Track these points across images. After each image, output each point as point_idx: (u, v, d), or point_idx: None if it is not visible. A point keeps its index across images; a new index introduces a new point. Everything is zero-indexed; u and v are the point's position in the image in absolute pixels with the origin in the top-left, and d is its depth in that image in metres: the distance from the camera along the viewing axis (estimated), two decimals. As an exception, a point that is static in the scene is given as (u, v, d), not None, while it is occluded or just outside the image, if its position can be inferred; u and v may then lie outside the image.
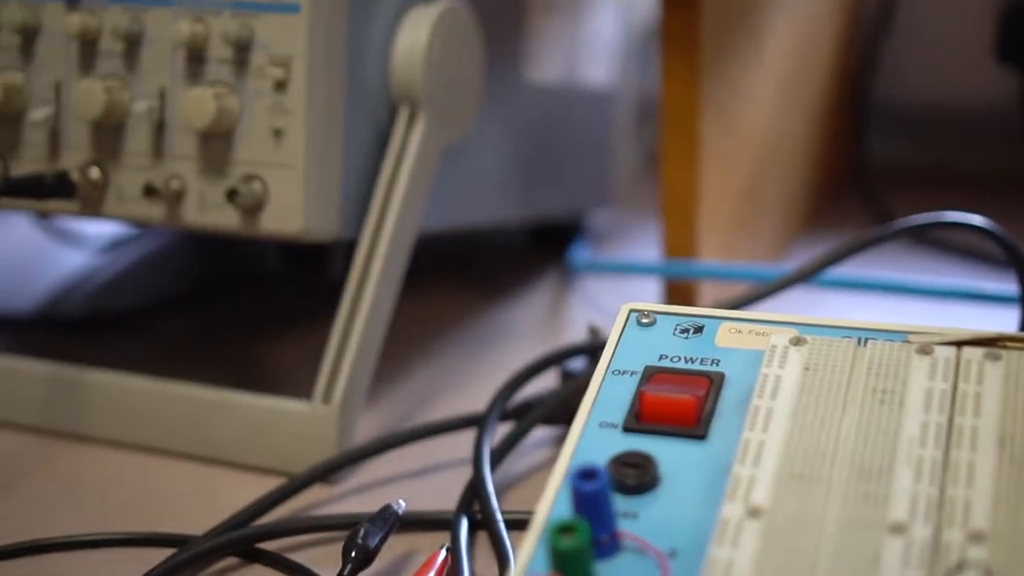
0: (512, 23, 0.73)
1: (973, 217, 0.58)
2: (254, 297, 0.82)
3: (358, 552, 0.46)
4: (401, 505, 0.49)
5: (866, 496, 0.37)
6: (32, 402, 0.61)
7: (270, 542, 0.50)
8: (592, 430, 0.41)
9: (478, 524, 0.51)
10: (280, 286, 0.82)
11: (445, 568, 0.47)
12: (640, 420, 0.41)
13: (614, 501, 0.38)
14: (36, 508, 0.54)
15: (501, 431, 0.57)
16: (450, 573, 0.47)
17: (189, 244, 0.90)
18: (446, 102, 0.62)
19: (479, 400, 0.65)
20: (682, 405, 0.41)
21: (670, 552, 0.37)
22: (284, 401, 0.57)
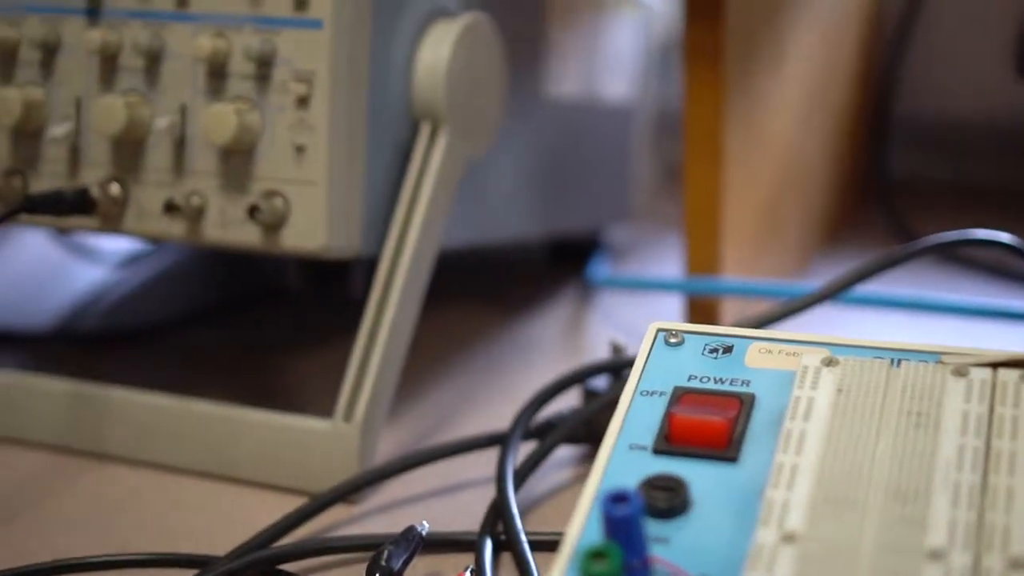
0: (533, 37, 0.72)
1: (1001, 234, 0.57)
2: (273, 313, 0.82)
3: (382, 574, 0.46)
4: (425, 526, 0.48)
5: (903, 521, 0.36)
6: (52, 420, 0.60)
7: (292, 563, 0.50)
8: (621, 452, 0.41)
9: (502, 545, 0.50)
10: (299, 302, 0.82)
11: (470, 590, 0.47)
12: (670, 442, 0.41)
13: (645, 525, 0.37)
14: (59, 527, 0.53)
15: (523, 450, 0.56)
16: (475, 595, 0.47)
17: (207, 259, 0.90)
18: (468, 117, 0.61)
19: (500, 418, 0.64)
20: (713, 427, 0.40)
21: (703, 578, 0.36)
22: (305, 419, 0.57)
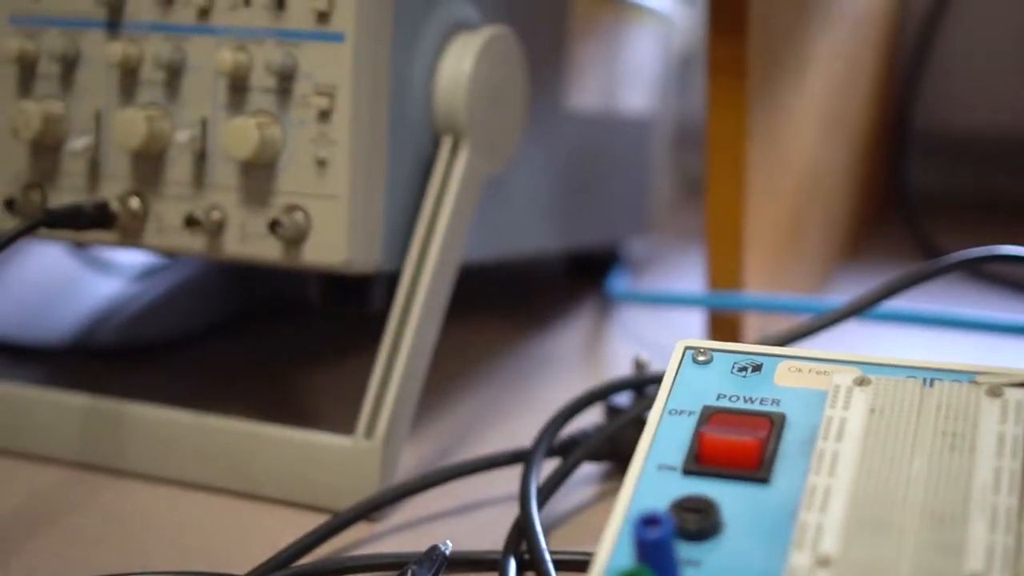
0: (554, 49, 0.72)
1: (1029, 250, 0.57)
2: (291, 326, 0.81)
3: (405, 595, 0.45)
4: (448, 545, 0.48)
5: (940, 545, 0.35)
6: (69, 436, 0.60)
7: (313, 582, 0.49)
8: (650, 472, 0.40)
9: (526, 565, 0.49)
10: (318, 316, 0.81)
11: (494, 611, 0.46)
12: (700, 462, 0.40)
13: (677, 548, 0.36)
14: (77, 545, 0.53)
15: (546, 467, 0.56)
16: (499, 616, 0.46)
17: (224, 272, 0.89)
18: (490, 131, 0.61)
19: (521, 434, 0.63)
20: (744, 448, 0.40)
21: (736, 602, 0.35)
22: (325, 436, 0.56)
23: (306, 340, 0.79)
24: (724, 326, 0.69)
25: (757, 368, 0.44)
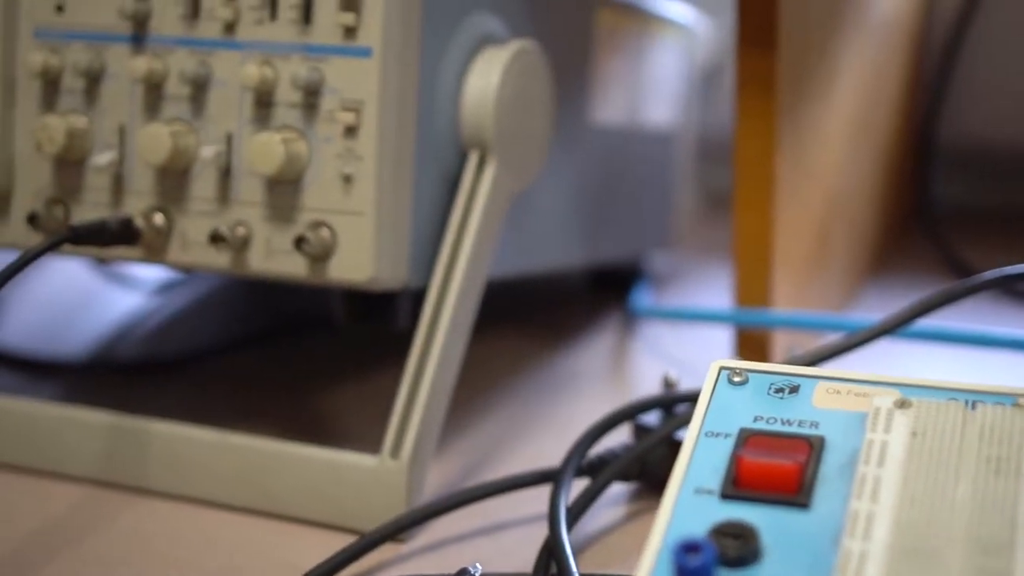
0: (579, 63, 0.71)
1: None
2: (314, 342, 0.81)
3: (435, 619, 0.44)
4: (478, 568, 0.47)
5: (986, 573, 0.35)
6: (90, 454, 0.59)
7: (341, 605, 0.49)
8: (687, 497, 0.39)
9: (556, 587, 0.49)
10: (341, 332, 0.81)
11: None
12: (738, 487, 0.39)
13: (717, 575, 0.36)
14: (100, 565, 0.52)
15: (574, 487, 0.55)
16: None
17: (246, 287, 0.89)
18: (517, 146, 0.60)
19: (547, 452, 0.63)
20: (783, 472, 0.39)
21: (778, 632, 0.35)
22: (351, 455, 0.56)
23: (328, 356, 0.78)
24: (752, 343, 0.68)
25: (794, 389, 0.43)
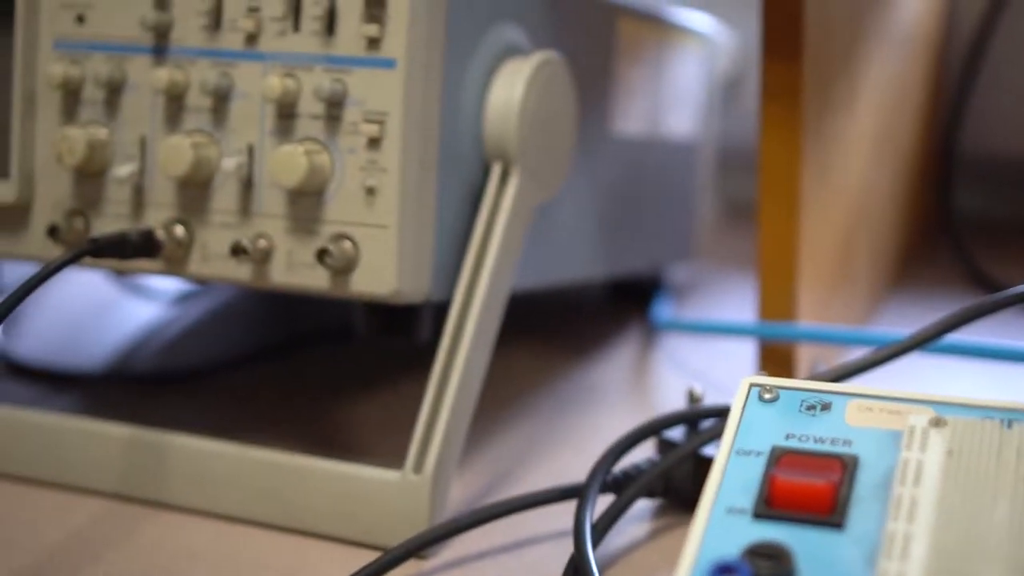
0: (601, 74, 0.70)
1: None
2: (332, 354, 0.80)
3: (461, 638, 0.44)
4: (503, 586, 0.46)
5: (1028, 597, 0.34)
6: (110, 467, 0.59)
7: (364, 623, 0.48)
8: (719, 516, 0.39)
9: (582, 606, 0.48)
10: (360, 343, 0.80)
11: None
12: (770, 506, 0.39)
13: (751, 598, 0.35)
14: (118, 581, 0.52)
15: (598, 502, 0.54)
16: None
17: (265, 298, 0.88)
18: (540, 158, 0.59)
19: (570, 466, 0.62)
20: (817, 491, 0.38)
21: (815, 656, 0.34)
22: (373, 470, 0.55)
23: (347, 368, 0.78)
24: (776, 358, 0.68)
25: (826, 407, 0.42)
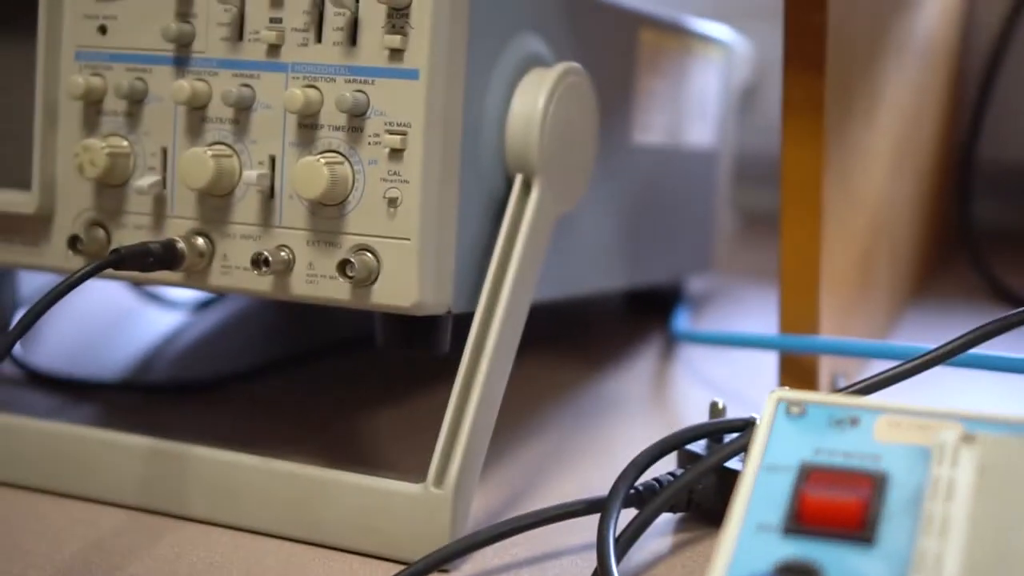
0: (621, 84, 0.70)
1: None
2: (350, 364, 0.80)
3: (485, 654, 0.44)
4: (527, 601, 0.46)
5: (1063, 616, 0.34)
6: (131, 480, 0.59)
7: (386, 637, 0.48)
8: (749, 532, 0.38)
9: (606, 621, 0.48)
10: (378, 353, 0.80)
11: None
12: (800, 522, 0.38)
13: (782, 616, 0.35)
14: (139, 594, 0.51)
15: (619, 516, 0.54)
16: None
17: (283, 306, 0.88)
18: (562, 169, 0.59)
19: (591, 479, 0.62)
20: (847, 507, 0.38)
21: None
22: (394, 483, 0.55)
23: (365, 378, 0.77)
24: (797, 370, 0.67)
25: (854, 421, 0.42)
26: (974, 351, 0.63)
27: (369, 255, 0.54)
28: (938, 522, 0.37)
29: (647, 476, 0.56)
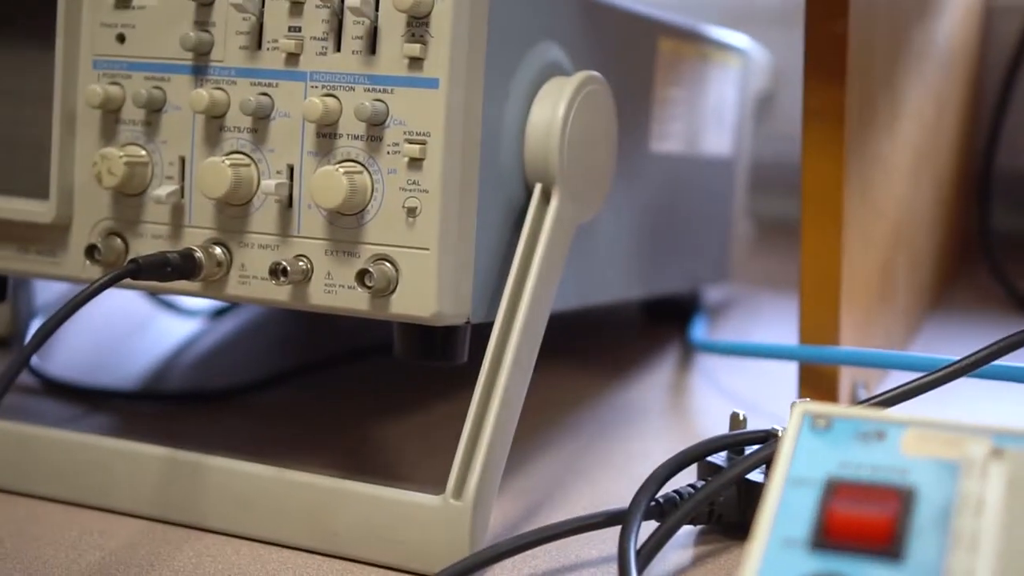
0: (640, 93, 0.70)
1: None
2: (366, 372, 0.80)
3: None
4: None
5: (1097, 635, 0.33)
6: (148, 490, 0.58)
7: (406, 651, 0.47)
8: (774, 548, 0.38)
9: (627, 635, 0.47)
10: (394, 361, 0.79)
11: None
12: (827, 537, 0.38)
13: (811, 633, 0.34)
14: (156, 606, 0.51)
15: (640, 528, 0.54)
16: None
17: (299, 315, 0.88)
18: (581, 178, 0.59)
19: (609, 490, 0.62)
20: (875, 523, 0.38)
21: None
22: (413, 495, 0.54)
23: (381, 386, 0.77)
24: (817, 380, 0.67)
25: (881, 435, 0.41)
26: (998, 362, 0.62)
27: (388, 265, 0.54)
28: (968, 538, 0.37)
29: (667, 488, 0.56)
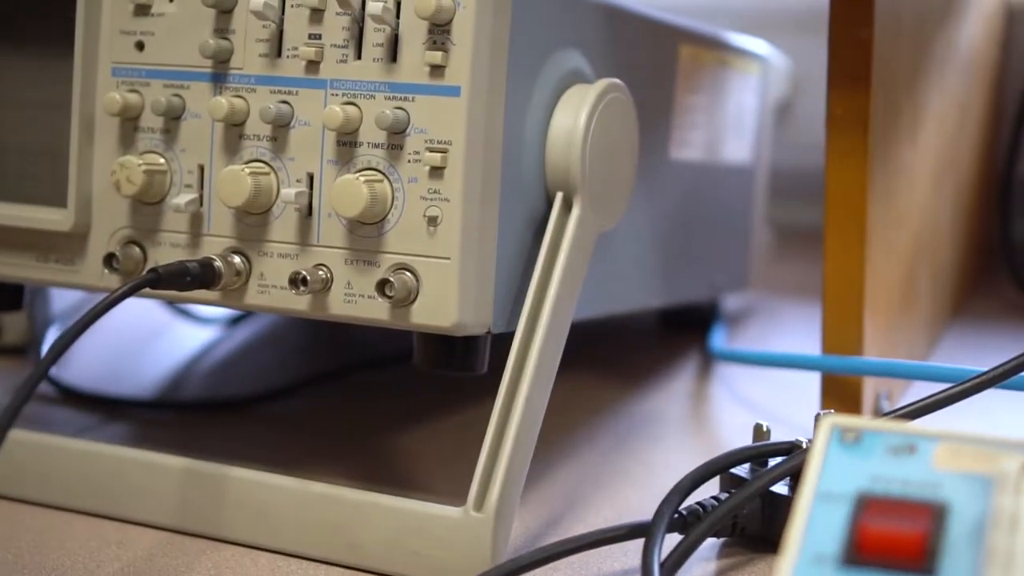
0: (661, 101, 0.69)
1: None
2: (384, 381, 0.79)
3: None
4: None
5: None
6: (166, 501, 0.58)
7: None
8: (806, 563, 0.37)
9: (652, 650, 0.47)
10: (413, 370, 0.79)
11: None
12: (858, 553, 0.37)
13: (843, 652, 0.34)
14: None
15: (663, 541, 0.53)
16: None
17: (317, 322, 0.87)
18: (603, 186, 0.58)
19: (631, 502, 0.61)
20: (907, 539, 0.37)
21: None
22: (433, 506, 0.54)
23: (400, 395, 0.77)
24: (840, 391, 0.66)
25: (912, 449, 0.41)
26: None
27: (408, 274, 0.54)
28: (1002, 554, 0.36)
29: (690, 500, 0.55)
